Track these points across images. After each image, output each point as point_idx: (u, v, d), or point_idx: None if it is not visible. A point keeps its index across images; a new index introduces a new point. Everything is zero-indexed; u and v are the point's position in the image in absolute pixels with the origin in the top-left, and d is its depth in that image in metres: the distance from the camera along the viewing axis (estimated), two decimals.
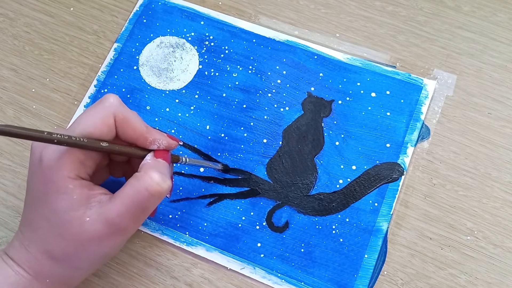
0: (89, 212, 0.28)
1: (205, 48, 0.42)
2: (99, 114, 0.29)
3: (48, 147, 0.29)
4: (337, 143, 0.38)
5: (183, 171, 0.39)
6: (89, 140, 0.28)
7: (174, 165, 0.39)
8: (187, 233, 0.37)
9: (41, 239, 0.29)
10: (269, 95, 0.40)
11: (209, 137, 0.39)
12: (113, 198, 0.29)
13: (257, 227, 0.37)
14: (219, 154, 0.39)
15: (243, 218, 0.37)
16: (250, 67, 0.41)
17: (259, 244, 0.36)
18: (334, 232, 0.36)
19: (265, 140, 0.39)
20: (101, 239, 0.29)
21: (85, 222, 0.28)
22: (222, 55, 0.41)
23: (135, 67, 0.42)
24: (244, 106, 0.40)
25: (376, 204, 0.36)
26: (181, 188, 0.38)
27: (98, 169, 0.32)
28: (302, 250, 0.36)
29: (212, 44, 0.42)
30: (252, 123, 0.39)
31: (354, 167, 0.37)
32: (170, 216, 0.38)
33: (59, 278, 0.30)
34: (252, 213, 0.37)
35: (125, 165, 0.34)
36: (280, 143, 0.39)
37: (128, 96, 0.41)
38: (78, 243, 0.29)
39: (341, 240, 0.36)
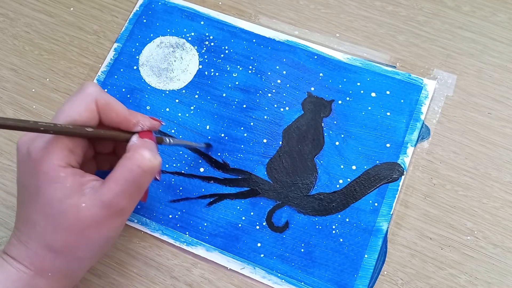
0: (84, 198, 0.28)
1: (205, 48, 0.42)
2: (81, 101, 0.29)
3: (34, 141, 0.29)
4: (337, 143, 0.38)
5: (183, 171, 0.39)
6: (75, 127, 0.28)
7: (174, 165, 0.39)
8: (187, 233, 0.37)
9: (39, 234, 0.29)
10: (269, 95, 0.40)
11: (209, 137, 0.39)
12: (105, 181, 0.29)
13: (257, 227, 0.37)
14: (219, 154, 0.39)
15: (243, 218, 0.37)
16: (250, 67, 0.41)
17: (259, 244, 0.36)
18: (334, 232, 0.36)
19: (265, 140, 0.39)
20: (99, 223, 0.29)
21: (82, 209, 0.28)
22: (222, 55, 0.41)
23: (135, 67, 0.42)
24: (244, 106, 0.40)
25: (376, 204, 0.36)
26: (181, 188, 0.38)
27: (85, 161, 0.32)
28: (302, 250, 0.36)
29: (212, 44, 0.42)
30: (252, 123, 0.39)
31: (354, 167, 0.37)
32: (170, 216, 0.38)
33: (61, 270, 0.30)
34: (252, 213, 0.37)
35: (111, 156, 0.34)
36: (280, 143, 0.39)
37: (128, 96, 0.41)
38: (77, 231, 0.28)
39: (341, 240, 0.36)
